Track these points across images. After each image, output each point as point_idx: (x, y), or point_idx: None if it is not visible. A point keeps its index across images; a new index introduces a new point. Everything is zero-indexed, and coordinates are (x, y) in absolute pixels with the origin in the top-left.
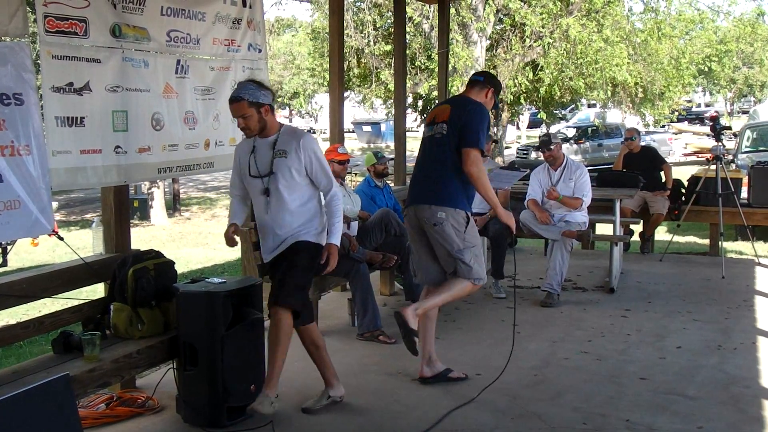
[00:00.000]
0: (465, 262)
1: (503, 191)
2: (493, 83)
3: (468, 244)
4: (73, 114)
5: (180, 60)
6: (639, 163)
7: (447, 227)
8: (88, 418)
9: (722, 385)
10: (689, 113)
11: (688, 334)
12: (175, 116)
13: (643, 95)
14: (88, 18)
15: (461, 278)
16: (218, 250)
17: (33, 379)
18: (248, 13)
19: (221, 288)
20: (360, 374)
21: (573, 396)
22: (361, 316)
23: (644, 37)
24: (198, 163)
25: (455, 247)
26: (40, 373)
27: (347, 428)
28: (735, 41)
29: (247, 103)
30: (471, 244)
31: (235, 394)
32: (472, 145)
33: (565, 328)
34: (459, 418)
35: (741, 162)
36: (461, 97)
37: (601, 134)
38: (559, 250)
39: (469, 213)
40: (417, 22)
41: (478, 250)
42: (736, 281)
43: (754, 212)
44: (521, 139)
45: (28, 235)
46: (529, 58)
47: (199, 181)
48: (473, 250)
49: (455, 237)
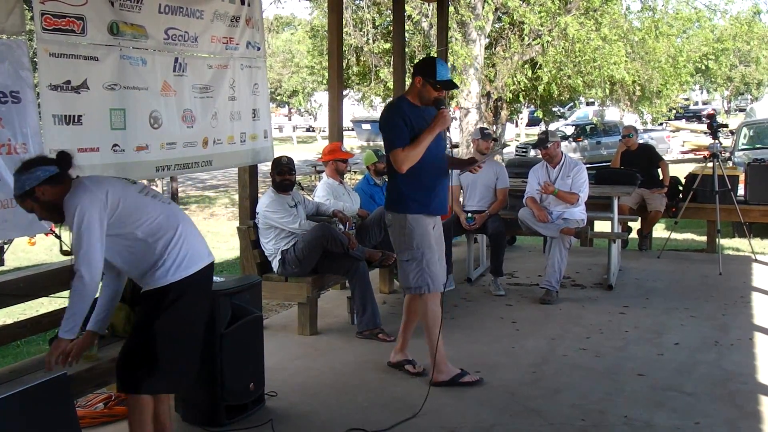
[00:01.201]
0: (403, 267)
1: (502, 189)
2: (421, 70)
3: (406, 247)
4: (71, 112)
5: (178, 58)
6: (636, 160)
7: (393, 231)
8: (86, 417)
9: (720, 382)
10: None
11: (685, 331)
12: (173, 114)
13: (641, 93)
14: (86, 16)
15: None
16: (217, 248)
17: (31, 379)
18: (247, 10)
19: (220, 287)
20: (359, 372)
21: (571, 393)
22: (360, 314)
23: (642, 36)
24: (196, 162)
25: (397, 250)
26: (37, 372)
27: (346, 425)
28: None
29: (19, 199)
30: (410, 248)
31: (234, 392)
32: (389, 151)
33: (563, 325)
34: (458, 416)
35: (738, 159)
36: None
37: (599, 132)
38: (557, 248)
39: (418, 215)
40: (416, 21)
41: (425, 258)
42: (733, 278)
43: (750, 209)
44: (520, 137)
45: (25, 234)
46: (527, 56)
47: (197, 180)
48: (413, 254)
49: (397, 240)
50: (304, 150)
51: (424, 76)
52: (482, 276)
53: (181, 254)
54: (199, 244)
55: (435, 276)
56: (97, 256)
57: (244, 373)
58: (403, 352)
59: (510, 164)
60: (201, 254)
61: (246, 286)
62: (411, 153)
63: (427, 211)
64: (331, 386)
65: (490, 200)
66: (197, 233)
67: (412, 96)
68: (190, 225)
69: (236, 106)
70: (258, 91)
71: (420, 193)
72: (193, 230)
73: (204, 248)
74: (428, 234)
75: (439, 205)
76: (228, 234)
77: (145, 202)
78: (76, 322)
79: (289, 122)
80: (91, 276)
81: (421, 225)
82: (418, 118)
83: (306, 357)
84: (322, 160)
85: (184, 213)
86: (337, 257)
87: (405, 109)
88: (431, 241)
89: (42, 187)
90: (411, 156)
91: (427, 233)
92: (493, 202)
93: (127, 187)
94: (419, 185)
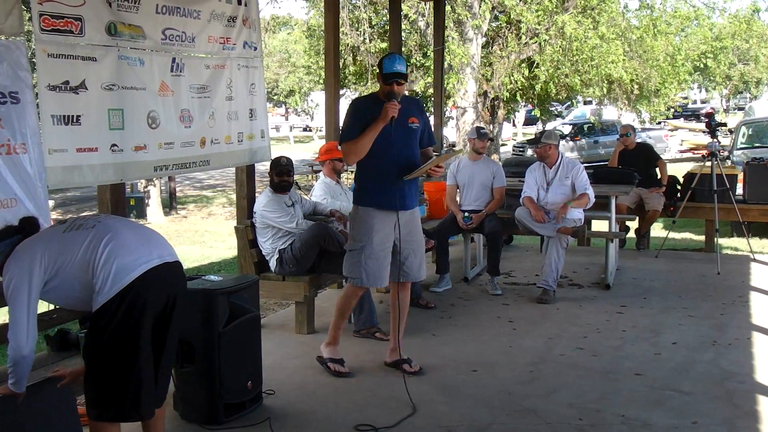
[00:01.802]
0: (346, 255)
1: (498, 189)
2: (378, 64)
3: (351, 236)
4: (69, 112)
5: (175, 58)
6: (634, 159)
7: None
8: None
9: (717, 381)
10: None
11: (683, 330)
12: (170, 114)
13: (639, 92)
14: (84, 16)
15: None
16: (215, 248)
17: (30, 377)
18: (243, 11)
19: (218, 286)
20: (356, 370)
21: (568, 392)
22: (357, 312)
23: (640, 34)
24: (194, 161)
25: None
26: (37, 370)
27: (343, 424)
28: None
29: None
30: (353, 238)
31: (232, 391)
32: (339, 143)
33: (560, 325)
34: (455, 415)
35: (736, 158)
36: None
37: (597, 131)
38: (554, 247)
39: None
40: (413, 20)
41: (365, 252)
42: (731, 277)
43: (749, 208)
44: (517, 137)
45: None
46: (524, 55)
47: (195, 179)
48: (355, 245)
49: (350, 229)
50: (300, 149)
51: (379, 72)
52: (479, 275)
53: (112, 272)
54: (134, 253)
55: (371, 272)
56: (22, 325)
57: (242, 372)
58: (396, 351)
59: (507, 163)
60: (136, 263)
61: (244, 285)
62: (353, 146)
63: (377, 204)
64: (328, 385)
65: (486, 199)
66: (133, 242)
67: (381, 92)
68: (121, 236)
69: (233, 105)
70: (255, 90)
71: (371, 187)
72: (125, 241)
73: (143, 255)
74: (375, 229)
75: (391, 200)
76: (225, 233)
77: (67, 240)
78: (19, 378)
79: (286, 122)
80: (17, 344)
81: (369, 217)
82: (377, 114)
83: (303, 356)
84: (318, 159)
85: (118, 224)
86: (334, 256)
87: (365, 104)
88: (376, 237)
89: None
90: (353, 149)
91: (374, 228)
92: (490, 201)
93: (54, 236)
94: (370, 179)
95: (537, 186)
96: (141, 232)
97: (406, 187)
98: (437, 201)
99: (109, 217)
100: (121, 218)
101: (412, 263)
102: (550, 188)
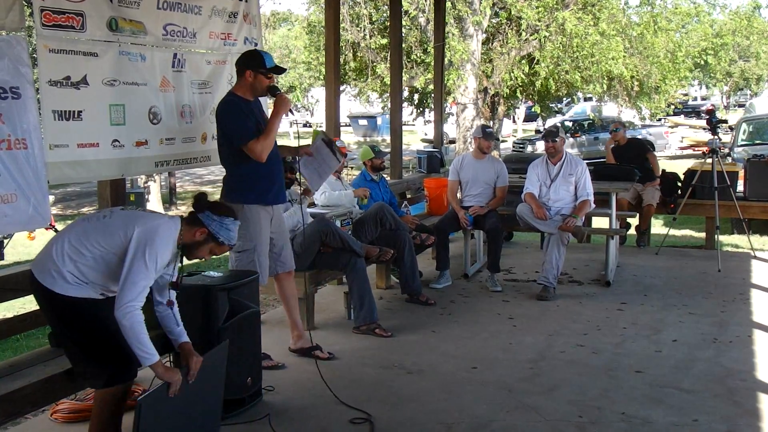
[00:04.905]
0: (236, 257)
1: (502, 188)
2: (248, 63)
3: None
4: (71, 108)
5: (176, 54)
6: (627, 154)
7: None
8: (86, 410)
9: (718, 378)
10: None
11: (683, 328)
12: (171, 110)
13: (640, 89)
14: (85, 12)
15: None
16: None
17: (30, 373)
18: (244, 6)
19: (218, 281)
20: (356, 367)
21: (568, 389)
22: (357, 309)
23: (640, 31)
24: (195, 157)
25: None
26: (37, 366)
27: (343, 420)
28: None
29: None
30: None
31: (232, 387)
32: (241, 144)
33: (560, 322)
34: (454, 411)
35: (737, 155)
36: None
37: (597, 128)
38: (555, 244)
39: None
40: (413, 16)
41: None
42: (732, 274)
43: (750, 205)
44: (517, 133)
45: (24, 228)
46: (525, 51)
47: (195, 175)
48: (245, 245)
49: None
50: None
51: (254, 68)
52: (479, 272)
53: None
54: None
55: (264, 269)
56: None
57: (241, 368)
58: (303, 339)
59: (507, 160)
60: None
61: (243, 281)
62: (266, 142)
63: (264, 200)
64: (328, 381)
65: (488, 197)
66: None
67: (242, 91)
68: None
69: None
70: None
71: (258, 183)
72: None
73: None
74: (263, 226)
75: (277, 192)
76: None
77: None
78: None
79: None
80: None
81: (256, 216)
82: (251, 112)
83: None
84: None
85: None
86: (335, 252)
87: (241, 105)
88: (265, 234)
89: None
90: (267, 144)
91: (263, 225)
92: (492, 199)
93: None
94: (257, 174)
95: (539, 182)
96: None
97: (281, 178)
98: (437, 197)
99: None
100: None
101: (287, 254)
102: (553, 185)
